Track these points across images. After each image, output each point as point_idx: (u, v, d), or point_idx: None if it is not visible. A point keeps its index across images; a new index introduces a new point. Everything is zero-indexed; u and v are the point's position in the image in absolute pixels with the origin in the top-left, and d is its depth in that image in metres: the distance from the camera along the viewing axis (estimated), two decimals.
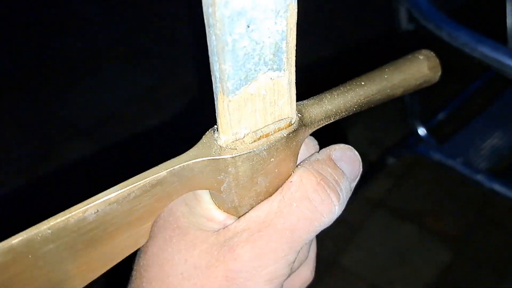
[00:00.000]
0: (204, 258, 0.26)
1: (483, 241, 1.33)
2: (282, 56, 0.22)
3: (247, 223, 0.26)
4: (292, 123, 0.25)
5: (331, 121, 0.28)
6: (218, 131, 0.24)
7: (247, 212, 0.27)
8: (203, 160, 0.24)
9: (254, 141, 0.24)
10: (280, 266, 0.26)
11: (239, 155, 0.24)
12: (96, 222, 0.23)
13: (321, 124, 0.28)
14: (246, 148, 0.24)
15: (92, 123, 1.58)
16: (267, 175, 0.26)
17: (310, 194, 0.26)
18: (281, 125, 0.25)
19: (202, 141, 0.25)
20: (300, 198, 0.26)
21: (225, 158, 0.24)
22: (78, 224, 0.23)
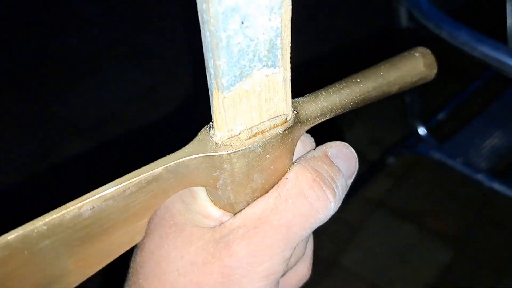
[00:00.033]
0: (200, 255, 0.26)
1: (483, 241, 1.32)
2: (277, 52, 0.22)
3: (243, 219, 0.26)
4: (287, 120, 0.25)
5: (327, 118, 0.28)
6: (214, 128, 0.24)
7: (243, 209, 0.27)
8: (199, 157, 0.24)
9: (249, 137, 0.24)
10: (276, 262, 0.26)
11: (234, 151, 0.24)
12: (92, 218, 0.23)
13: (317, 121, 0.28)
14: (241, 144, 0.24)
15: (92, 123, 1.58)
16: (262, 172, 0.26)
17: (306, 191, 0.26)
18: (277, 122, 0.25)
19: (197, 137, 0.25)
20: (296, 194, 0.26)
21: (221, 154, 0.24)
22: (73, 220, 0.23)
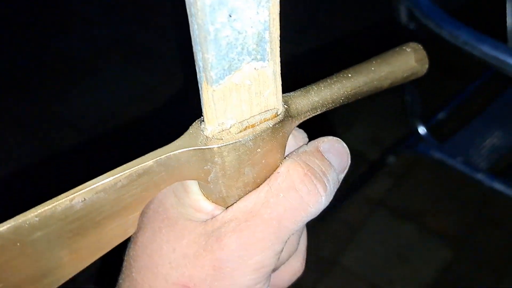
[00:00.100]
0: (192, 248, 0.26)
1: (483, 241, 1.32)
2: (266, 46, 0.22)
3: (234, 213, 0.26)
4: (278, 114, 0.26)
5: (318, 113, 0.28)
6: (204, 121, 0.24)
7: (235, 202, 0.27)
8: (189, 150, 0.24)
9: (240, 131, 0.24)
10: (267, 255, 0.26)
11: (225, 145, 0.24)
12: (84, 211, 0.23)
13: (308, 116, 0.28)
14: (232, 138, 0.24)
15: (92, 123, 1.58)
16: (254, 165, 0.26)
17: (297, 185, 0.26)
18: (267, 116, 0.25)
19: (188, 131, 0.25)
20: (287, 188, 0.26)
21: (211, 148, 0.24)
22: (65, 212, 0.23)
